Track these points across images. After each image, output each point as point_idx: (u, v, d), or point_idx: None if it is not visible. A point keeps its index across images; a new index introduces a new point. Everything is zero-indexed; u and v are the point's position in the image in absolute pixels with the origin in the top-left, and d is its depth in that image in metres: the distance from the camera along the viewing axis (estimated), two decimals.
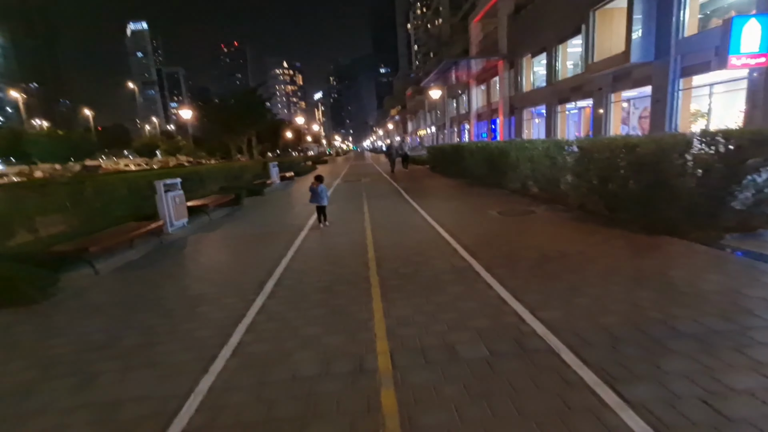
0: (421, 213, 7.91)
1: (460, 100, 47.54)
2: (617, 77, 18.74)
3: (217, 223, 8.71)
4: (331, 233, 6.77)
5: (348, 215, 8.32)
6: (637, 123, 19.97)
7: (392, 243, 5.70)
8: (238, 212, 10.21)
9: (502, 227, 6.22)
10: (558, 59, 24.58)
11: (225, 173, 16.94)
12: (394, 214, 8.00)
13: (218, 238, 7.22)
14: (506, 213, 7.16)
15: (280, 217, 9.11)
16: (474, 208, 8.16)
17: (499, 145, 10.49)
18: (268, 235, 7.16)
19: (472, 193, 10.22)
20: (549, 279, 3.87)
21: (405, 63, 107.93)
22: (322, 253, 5.44)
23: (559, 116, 25.21)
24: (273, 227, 7.83)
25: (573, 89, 22.60)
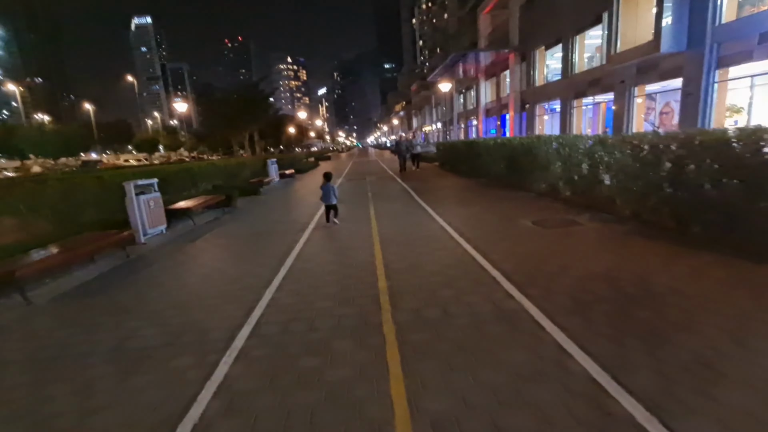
0: (439, 221, 6.69)
1: (468, 96, 46.14)
2: (642, 69, 17.33)
3: (200, 230, 7.53)
4: (332, 249, 5.56)
5: (352, 224, 7.11)
6: (657, 119, 18.64)
7: (408, 266, 4.49)
8: (228, 216, 9.04)
9: (544, 244, 4.99)
10: (575, 51, 23.17)
11: (220, 171, 15.77)
12: (407, 223, 6.79)
13: (195, 251, 6.04)
14: (543, 223, 5.91)
15: (275, 222, 7.92)
16: (501, 215, 6.92)
17: (524, 142, 9.22)
18: (255, 247, 5.99)
19: (492, 196, 8.96)
20: (655, 341, 2.56)
21: (409, 58, 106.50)
22: (319, 281, 4.24)
23: (575, 111, 23.83)
24: (263, 237, 6.64)
25: (591, 83, 21.20)
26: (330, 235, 6.34)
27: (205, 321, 3.40)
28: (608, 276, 3.70)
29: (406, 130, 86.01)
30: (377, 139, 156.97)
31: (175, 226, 7.89)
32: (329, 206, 7.16)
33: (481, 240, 5.30)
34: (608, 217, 5.99)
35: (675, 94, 17.40)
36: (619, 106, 19.19)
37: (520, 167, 9.50)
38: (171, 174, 12.09)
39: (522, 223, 6.05)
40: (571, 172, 7.51)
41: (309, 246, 5.73)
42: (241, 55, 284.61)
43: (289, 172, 17.87)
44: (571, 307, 3.13)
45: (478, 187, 10.75)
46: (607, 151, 6.29)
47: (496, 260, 4.39)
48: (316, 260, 4.98)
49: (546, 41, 25.87)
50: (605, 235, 5.17)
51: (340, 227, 6.90)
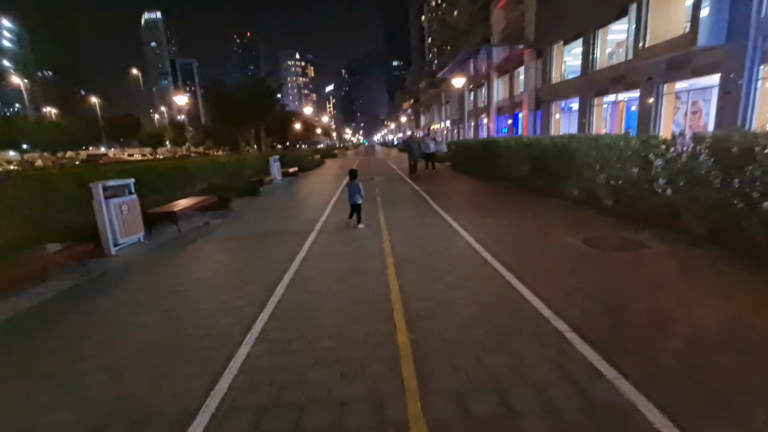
0: (464, 236, 5.57)
1: (479, 93, 44.84)
2: (673, 65, 15.99)
3: (184, 239, 6.52)
4: (334, 273, 4.42)
5: (358, 236, 6.05)
6: (683, 119, 17.33)
7: (435, 304, 3.38)
8: (219, 221, 8.00)
9: (612, 276, 3.82)
10: (596, 46, 21.84)
11: (220, 169, 14.78)
12: (425, 237, 5.69)
13: (168, 270, 4.98)
14: (598, 243, 4.75)
15: (271, 231, 6.84)
16: (538, 229, 5.78)
17: (557, 141, 8.05)
18: (242, 266, 4.95)
19: (520, 204, 7.79)
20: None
21: (417, 57, 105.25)
22: (315, 327, 3.15)
23: (595, 110, 22.52)
24: (254, 252, 5.59)
25: (613, 80, 19.89)
26: (333, 251, 5.26)
27: (143, 400, 2.32)
28: (733, 338, 2.56)
29: (415, 127, 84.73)
30: (384, 137, 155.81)
31: (156, 234, 6.87)
32: (354, 206, 6.74)
33: (524, 265, 4.18)
34: (676, 236, 4.83)
35: (704, 93, 16.09)
36: (645, 104, 17.90)
37: (549, 170, 8.34)
38: (164, 172, 11.12)
39: (569, 242, 4.90)
40: (617, 178, 6.35)
41: (307, 266, 4.66)
42: (249, 51, 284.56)
43: (292, 171, 16.84)
44: (688, 389, 2.01)
45: (500, 191, 9.59)
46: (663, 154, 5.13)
47: (554, 302, 3.25)
48: (313, 290, 3.90)
49: (564, 36, 24.56)
50: (687, 264, 3.98)
51: (345, 240, 5.84)
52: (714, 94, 15.40)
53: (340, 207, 8.91)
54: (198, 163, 12.86)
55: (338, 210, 8.54)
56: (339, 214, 8.08)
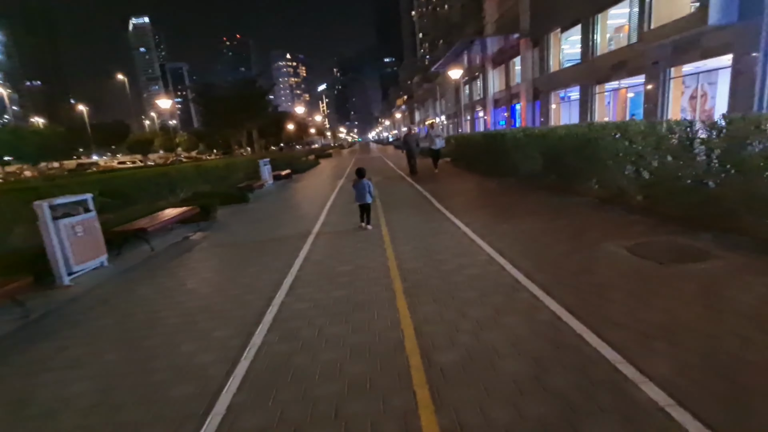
0: (483, 247, 4.69)
1: (474, 86, 44.02)
2: (680, 47, 15.18)
3: (157, 259, 5.63)
4: (328, 308, 3.49)
5: (359, 249, 5.17)
6: (688, 104, 16.58)
7: (462, 353, 2.51)
8: (200, 234, 7.12)
9: (686, 301, 2.93)
10: (596, 32, 21.02)
11: (207, 174, 13.86)
12: (436, 250, 4.80)
13: (129, 304, 4.05)
14: (648, 252, 3.86)
15: (257, 247, 5.97)
16: (569, 236, 4.86)
17: (575, 131, 7.18)
18: (217, 297, 4.04)
19: (537, 204, 6.85)
20: None
21: (410, 52, 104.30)
22: (307, 393, 2.30)
23: (596, 98, 21.74)
24: (235, 275, 4.69)
25: (615, 66, 19.09)
26: (328, 272, 4.38)
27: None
28: None
29: (411, 123, 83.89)
30: (378, 134, 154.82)
31: (127, 254, 5.98)
32: (363, 206, 6.31)
33: (567, 288, 3.29)
34: (741, 240, 3.98)
35: (708, 76, 15.35)
36: (651, 89, 17.10)
37: (566, 164, 7.49)
38: (144, 180, 10.22)
39: (613, 252, 4.03)
40: (650, 171, 5.51)
41: (296, 296, 3.79)
42: (240, 53, 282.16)
43: (285, 173, 15.92)
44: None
45: (510, 190, 8.71)
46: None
47: (631, 350, 2.35)
48: (302, 334, 2.99)
49: (562, 23, 23.75)
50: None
51: (342, 255, 4.97)
52: (721, 77, 14.61)
53: (335, 213, 8.03)
54: (182, 169, 11.93)
55: (333, 216, 7.67)
56: (334, 221, 7.20)
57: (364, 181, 6.29)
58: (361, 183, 6.24)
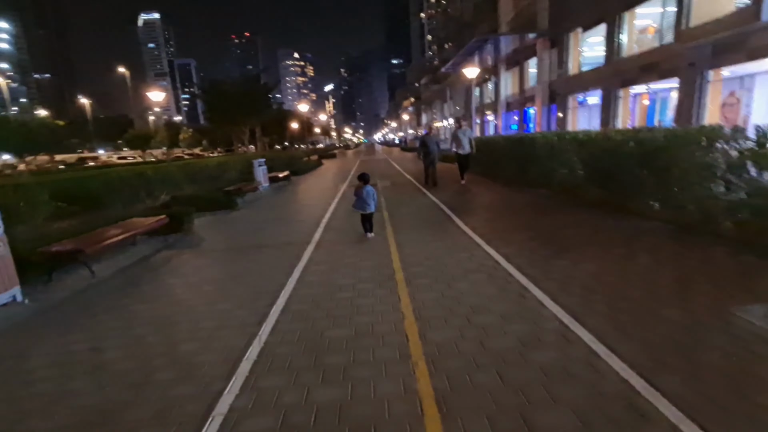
0: (542, 300, 3.28)
1: (485, 89, 42.61)
2: (721, 48, 13.72)
3: (93, 292, 4.27)
4: (323, 422, 2.16)
5: (359, 297, 3.72)
6: (719, 112, 15.13)
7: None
8: (165, 254, 5.76)
9: None
10: (622, 31, 19.57)
11: (197, 173, 12.55)
12: (474, 303, 3.33)
13: (23, 372, 2.73)
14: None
15: (235, 273, 4.63)
16: (670, 287, 3.34)
17: (638, 137, 5.76)
18: (164, 356, 2.70)
19: (593, 228, 5.37)
20: None
21: (418, 54, 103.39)
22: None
23: (621, 102, 20.27)
24: (194, 320, 3.34)
25: (644, 68, 17.62)
26: (313, 341, 2.97)
27: None
28: None
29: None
30: (384, 135, 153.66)
31: (57, 283, 4.61)
32: (366, 215, 5.74)
33: (724, 413, 1.91)
34: None
35: (743, 82, 13.94)
36: (685, 94, 15.63)
37: (620, 177, 6.08)
38: (116, 181, 8.90)
39: (742, 321, 2.63)
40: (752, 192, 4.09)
41: (272, 364, 2.47)
42: (248, 50, 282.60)
43: (282, 175, 14.56)
44: None
45: (549, 205, 7.18)
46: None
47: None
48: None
49: (584, 22, 22.33)
50: None
51: (339, 300, 3.58)
52: (759, 83, 13.20)
53: (333, 229, 6.66)
54: (161, 169, 10.59)
55: (332, 233, 6.29)
56: (332, 240, 5.83)
57: (367, 187, 5.60)
58: (365, 190, 5.56)
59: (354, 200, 5.74)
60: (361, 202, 5.61)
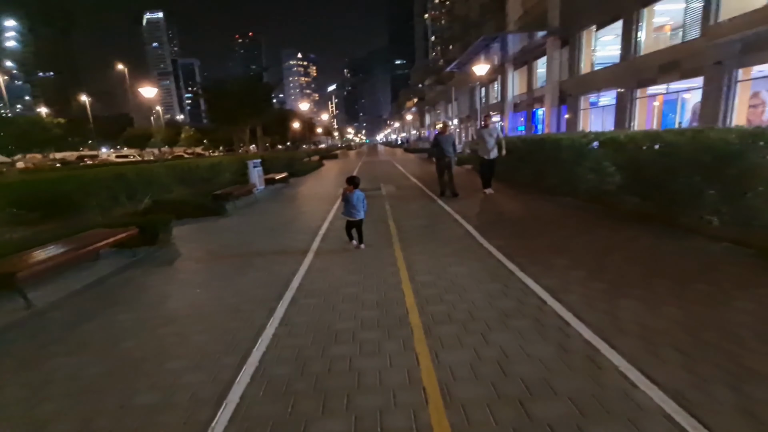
0: (626, 372, 2.28)
1: (491, 89, 41.63)
2: (751, 45, 12.70)
3: (24, 332, 3.31)
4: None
5: (356, 353, 2.73)
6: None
7: None
8: (129, 274, 4.80)
9: None
10: (641, 28, 18.55)
11: (187, 174, 11.63)
12: (525, 374, 2.28)
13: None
14: None
15: (206, 304, 3.66)
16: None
17: (697, 138, 4.76)
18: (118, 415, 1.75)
19: (654, 250, 4.30)
20: None
21: (421, 54, 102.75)
22: None
23: (637, 103, 19.23)
24: (147, 373, 2.41)
25: (664, 66, 16.59)
26: (299, 414, 2.03)
27: None
28: None
29: (434, 121, 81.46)
30: (387, 136, 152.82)
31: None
32: (354, 223, 5.29)
33: None
34: None
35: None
36: (710, 94, 14.62)
37: (673, 186, 5.09)
38: (92, 183, 7.97)
39: None
40: None
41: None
42: (251, 51, 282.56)
43: (279, 177, 13.59)
44: None
45: (585, 218, 6.09)
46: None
47: None
48: None
49: (598, 19, 21.35)
50: None
51: (333, 363, 2.61)
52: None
53: (332, 239, 5.69)
54: (146, 170, 9.65)
55: (329, 248, 5.31)
56: (330, 256, 4.85)
57: (357, 192, 5.15)
58: (354, 194, 5.13)
59: (342, 206, 5.26)
60: (349, 207, 5.13)
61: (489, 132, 9.13)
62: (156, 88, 16.61)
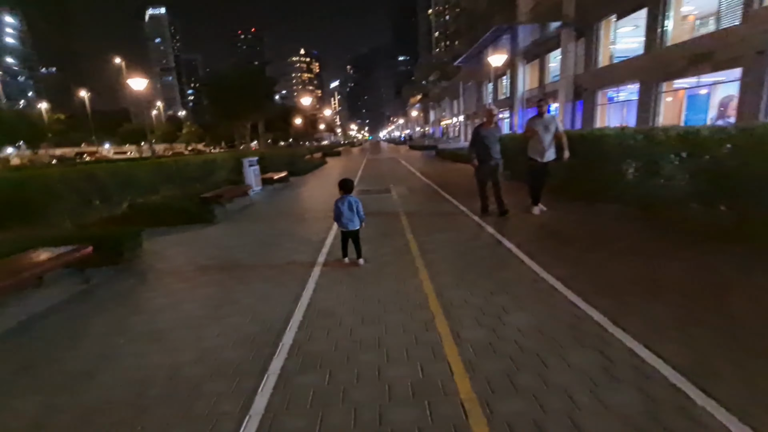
0: None
1: (499, 84, 40.27)
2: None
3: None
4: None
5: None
6: None
7: None
8: (72, 308, 3.66)
9: None
10: (668, 16, 17.18)
11: (177, 173, 10.48)
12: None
13: None
14: None
15: (161, 388, 2.52)
16: None
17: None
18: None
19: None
20: None
21: (425, 51, 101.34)
22: None
23: (662, 98, 17.91)
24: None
25: (694, 58, 15.25)
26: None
27: None
28: None
29: (439, 118, 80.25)
30: (390, 133, 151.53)
31: None
32: (349, 234, 4.45)
33: None
34: None
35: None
36: (749, 87, 13.35)
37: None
38: (56, 185, 6.83)
39: None
40: None
41: None
42: (254, 46, 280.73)
43: (278, 177, 12.40)
44: None
45: (647, 232, 4.88)
46: None
47: None
48: None
49: (619, 8, 20.01)
50: None
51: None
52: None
53: (338, 258, 4.51)
54: (122, 170, 8.49)
55: (335, 277, 4.13)
56: (337, 288, 3.68)
57: (349, 197, 4.42)
58: (347, 201, 4.40)
59: (335, 214, 4.45)
60: (343, 216, 4.36)
61: (545, 123, 6.24)
62: (146, 80, 15.50)
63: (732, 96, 14.77)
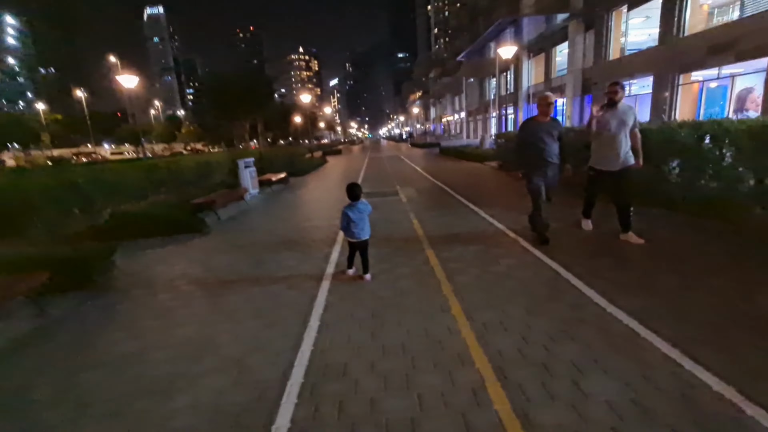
0: None
1: (502, 80, 39.38)
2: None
3: None
4: None
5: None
6: None
7: None
8: (16, 358, 2.91)
9: None
10: (686, 5, 16.31)
11: (172, 176, 9.73)
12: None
13: None
14: None
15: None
16: None
17: None
18: None
19: None
20: None
21: (424, 48, 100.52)
22: None
23: (680, 91, 17.04)
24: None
25: (714, 48, 14.41)
26: None
27: None
28: None
29: (440, 115, 79.45)
30: (390, 130, 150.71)
31: None
32: (356, 244, 3.92)
33: None
34: None
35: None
36: None
37: None
38: (32, 194, 6.07)
39: None
40: None
41: None
42: (253, 45, 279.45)
43: (276, 178, 11.60)
44: None
45: (716, 243, 4.08)
46: None
47: None
48: None
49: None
50: None
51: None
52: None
53: (345, 281, 3.74)
54: (102, 176, 7.69)
55: (344, 309, 3.36)
56: (351, 308, 2.90)
57: (359, 204, 3.89)
58: (356, 207, 3.87)
59: (342, 223, 3.95)
60: (353, 226, 3.84)
61: (618, 116, 4.45)
62: (137, 78, 14.71)
63: (751, 88, 13.95)
